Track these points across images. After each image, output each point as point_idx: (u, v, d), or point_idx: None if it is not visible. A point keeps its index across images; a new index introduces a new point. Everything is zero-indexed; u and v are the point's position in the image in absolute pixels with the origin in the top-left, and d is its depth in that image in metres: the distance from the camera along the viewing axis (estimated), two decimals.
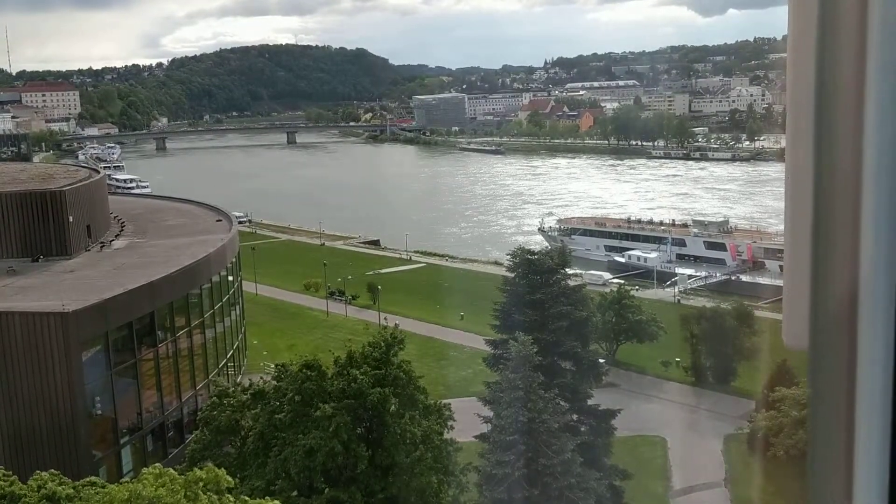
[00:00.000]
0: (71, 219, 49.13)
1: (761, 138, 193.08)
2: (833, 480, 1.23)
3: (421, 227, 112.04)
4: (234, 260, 55.29)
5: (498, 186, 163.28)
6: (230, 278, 53.97)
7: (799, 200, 1.27)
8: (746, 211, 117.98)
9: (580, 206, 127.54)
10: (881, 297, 1.16)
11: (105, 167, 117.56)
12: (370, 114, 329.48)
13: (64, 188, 50.82)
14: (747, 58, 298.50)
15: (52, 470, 27.49)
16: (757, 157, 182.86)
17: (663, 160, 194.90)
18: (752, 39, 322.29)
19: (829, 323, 1.22)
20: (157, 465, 28.80)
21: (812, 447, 1.29)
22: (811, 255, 1.25)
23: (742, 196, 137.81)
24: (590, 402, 39.75)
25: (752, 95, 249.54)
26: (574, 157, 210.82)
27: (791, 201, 1.29)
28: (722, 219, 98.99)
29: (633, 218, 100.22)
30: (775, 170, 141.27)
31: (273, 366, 35.89)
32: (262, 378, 35.74)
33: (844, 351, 1.20)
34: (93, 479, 28.43)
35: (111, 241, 53.54)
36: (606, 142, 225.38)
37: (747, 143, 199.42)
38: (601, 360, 46.16)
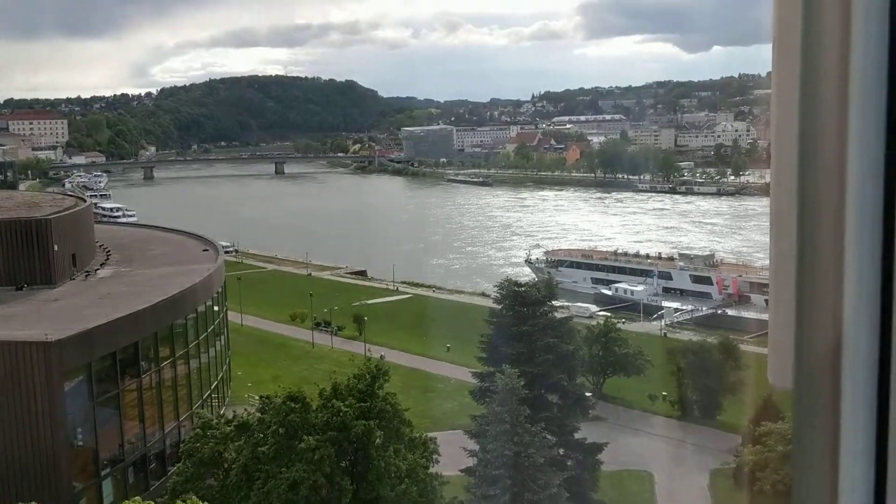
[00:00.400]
0: (56, 247, 48.87)
1: (746, 173, 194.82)
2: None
3: (409, 258, 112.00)
4: (219, 290, 55.05)
5: (486, 218, 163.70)
6: (216, 308, 53.69)
7: (783, 238, 1.27)
8: (734, 245, 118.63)
9: (569, 238, 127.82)
10: (865, 339, 1.16)
11: (91, 196, 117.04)
12: (358, 145, 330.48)
13: (49, 216, 50.59)
14: (732, 94, 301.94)
15: (33, 502, 27.10)
16: (742, 191, 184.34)
17: (650, 193, 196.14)
18: (736, 76, 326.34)
19: (814, 364, 1.22)
20: (137, 497, 28.43)
21: (797, 488, 1.28)
22: (795, 296, 1.25)
23: (729, 230, 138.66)
24: (576, 435, 39.63)
25: (736, 131, 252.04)
26: (561, 190, 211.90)
27: (775, 238, 1.29)
28: (708, 252, 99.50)
29: (619, 250, 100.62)
30: (761, 204, 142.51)
31: (257, 397, 35.60)
32: (246, 410, 35.44)
33: (828, 393, 1.20)
34: None
35: (96, 270, 53.24)
36: (593, 175, 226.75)
37: (732, 177, 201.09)
38: (588, 394, 46.12)
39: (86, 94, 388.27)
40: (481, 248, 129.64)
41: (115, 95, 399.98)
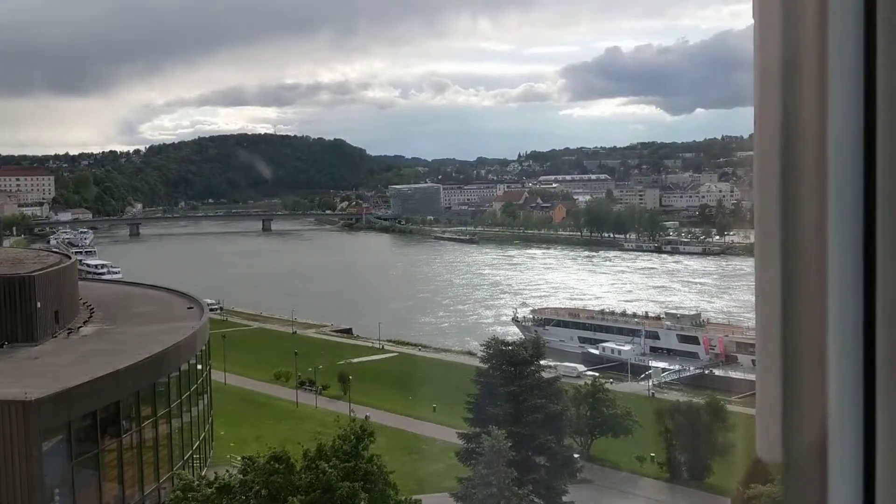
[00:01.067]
0: (39, 305, 48.41)
1: (731, 233, 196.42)
2: None
3: (397, 315, 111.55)
4: (203, 348, 54.52)
5: (475, 275, 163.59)
6: (199, 367, 53.09)
7: (768, 305, 1.26)
8: (723, 305, 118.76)
9: (558, 296, 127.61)
10: (850, 421, 1.16)
11: (76, 252, 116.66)
12: (346, 202, 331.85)
13: (33, 273, 50.25)
14: (715, 155, 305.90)
15: None
16: (727, 251, 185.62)
17: (637, 252, 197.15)
18: (719, 137, 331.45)
19: (801, 439, 1.23)
20: None
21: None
22: (781, 374, 1.25)
23: (718, 290, 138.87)
24: (564, 498, 39.06)
25: (720, 191, 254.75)
26: (549, 248, 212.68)
27: (761, 308, 1.28)
28: (694, 312, 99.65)
29: (607, 309, 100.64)
30: (748, 264, 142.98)
31: (240, 458, 34.98)
32: (227, 471, 34.77)
33: (817, 468, 1.20)
34: None
35: (79, 328, 52.70)
36: (579, 233, 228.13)
37: (717, 237, 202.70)
38: (575, 455, 45.60)
39: (74, 151, 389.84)
40: (470, 307, 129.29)
41: (103, 152, 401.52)
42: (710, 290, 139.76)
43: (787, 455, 1.26)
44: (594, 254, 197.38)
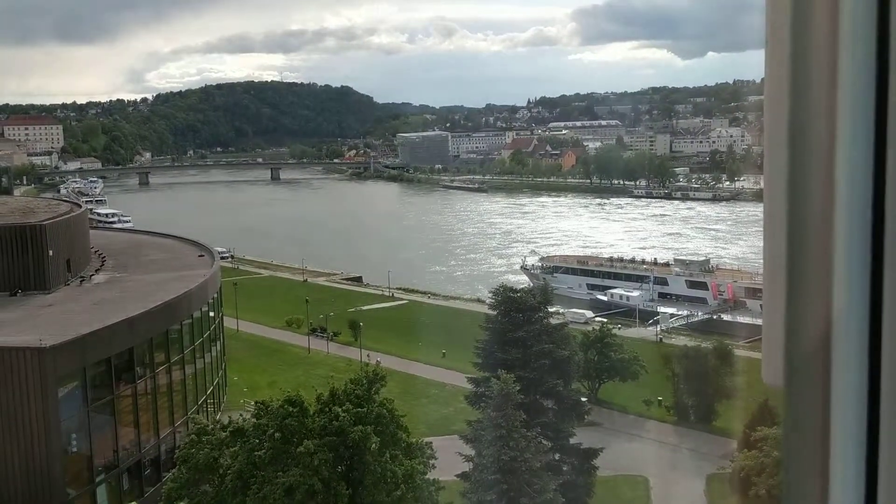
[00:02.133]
0: (51, 253, 48.79)
1: (741, 179, 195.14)
2: None
3: (407, 264, 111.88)
4: (215, 296, 54.97)
5: (487, 224, 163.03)
6: (211, 314, 53.61)
7: (775, 240, 1.31)
8: (738, 251, 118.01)
9: (571, 245, 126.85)
10: (854, 336, 1.18)
11: (87, 201, 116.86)
12: (354, 151, 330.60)
13: (44, 222, 50.54)
14: (727, 99, 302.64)
15: None
16: (737, 197, 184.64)
17: (649, 199, 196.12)
18: (731, 82, 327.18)
19: (804, 360, 1.25)
20: (132, 503, 28.34)
21: (786, 485, 1.29)
22: (786, 294, 1.28)
23: (732, 236, 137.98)
24: (572, 441, 39.60)
25: (731, 136, 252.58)
26: (559, 196, 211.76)
27: (768, 241, 1.33)
28: (703, 258, 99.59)
29: (615, 256, 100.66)
30: (761, 210, 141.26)
31: (253, 403, 35.53)
32: (241, 415, 35.36)
33: (819, 389, 1.22)
34: None
35: (91, 276, 53.15)
36: (589, 181, 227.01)
37: (728, 183, 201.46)
38: (583, 399, 46.09)
39: (81, 100, 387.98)
40: (483, 256, 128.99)
41: (110, 101, 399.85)
42: (726, 236, 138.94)
43: (789, 378, 1.28)
44: (605, 201, 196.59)
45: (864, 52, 1.15)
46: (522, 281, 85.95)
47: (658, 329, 75.92)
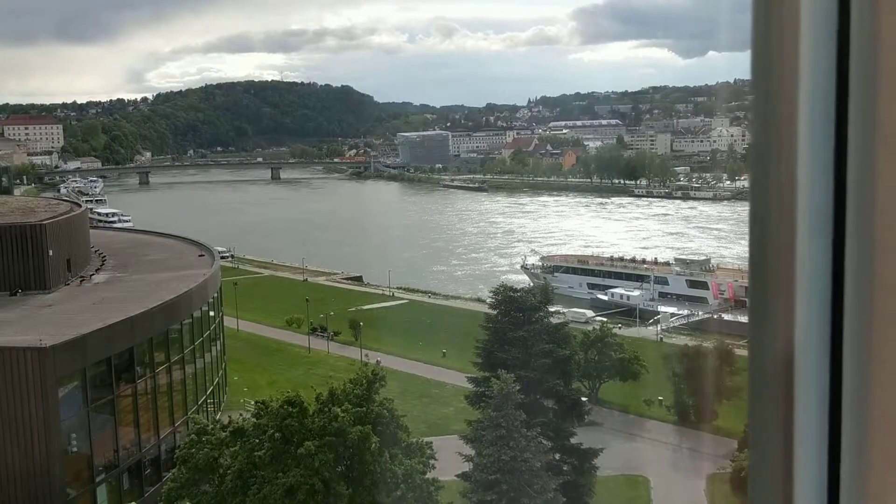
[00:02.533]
0: (51, 253, 48.76)
1: (742, 178, 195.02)
2: None
3: (408, 264, 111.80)
4: (215, 295, 54.95)
5: (488, 224, 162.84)
6: (211, 313, 53.59)
7: (750, 244, 1.30)
8: (741, 250, 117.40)
9: (573, 244, 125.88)
10: (816, 341, 1.18)
11: (87, 201, 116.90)
12: (354, 150, 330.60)
13: (44, 222, 50.51)
14: (727, 99, 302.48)
15: None
16: (737, 196, 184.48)
17: (650, 199, 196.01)
18: (732, 81, 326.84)
19: (769, 363, 1.25)
20: (133, 503, 28.31)
21: (752, 485, 1.31)
22: (749, 298, 1.29)
23: (735, 235, 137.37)
24: (572, 440, 39.55)
25: (732, 136, 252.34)
26: (560, 195, 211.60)
27: (750, 244, 1.32)
28: (704, 257, 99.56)
29: (615, 256, 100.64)
30: None
31: (253, 403, 35.51)
32: (241, 415, 35.34)
33: (782, 393, 1.23)
34: None
35: (91, 276, 53.14)
36: (589, 180, 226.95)
37: (728, 182, 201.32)
38: (584, 399, 46.06)
39: (81, 100, 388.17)
40: (484, 255, 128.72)
41: (110, 101, 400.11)
42: (728, 235, 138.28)
43: (754, 381, 1.29)
44: (607, 200, 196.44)
45: (825, 55, 1.15)
46: (524, 280, 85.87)
47: (658, 328, 75.88)
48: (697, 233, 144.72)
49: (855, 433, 1.15)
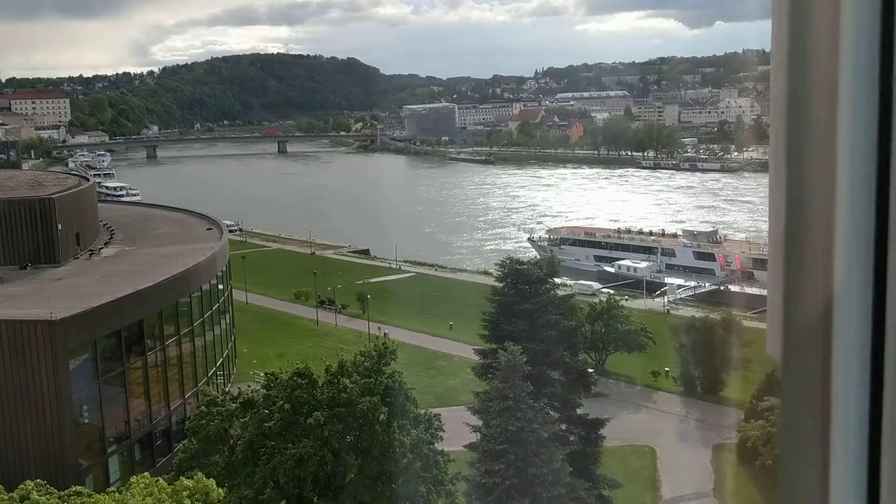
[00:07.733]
0: (60, 226, 48.97)
1: (750, 149, 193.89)
2: (808, 492, 1.21)
3: (432, 239, 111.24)
4: (224, 268, 55.16)
5: (510, 198, 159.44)
6: (220, 286, 53.83)
7: (778, 213, 1.29)
8: None
9: (601, 219, 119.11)
10: (856, 305, 1.16)
11: (95, 175, 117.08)
12: (360, 123, 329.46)
13: (53, 196, 50.67)
14: (735, 69, 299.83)
15: (38, 479, 27.34)
16: (746, 167, 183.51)
17: (660, 170, 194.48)
18: (740, 51, 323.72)
19: (803, 336, 1.22)
20: (144, 474, 28.66)
21: (784, 460, 1.26)
22: (785, 268, 1.26)
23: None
24: (579, 411, 39.75)
25: (740, 107, 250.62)
26: (578, 167, 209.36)
27: (772, 214, 1.31)
28: (712, 228, 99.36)
29: (622, 228, 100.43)
30: None
31: (262, 374, 35.78)
32: (250, 387, 35.63)
33: (819, 362, 1.19)
34: (78, 488, 28.30)
35: (100, 249, 53.37)
36: (596, 152, 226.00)
37: (736, 153, 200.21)
38: (590, 370, 46.23)
39: (87, 73, 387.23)
40: (511, 230, 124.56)
41: (116, 74, 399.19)
42: (761, 208, 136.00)
43: (787, 350, 1.26)
44: (627, 172, 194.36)
45: (868, 23, 1.12)
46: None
47: (665, 300, 75.94)
48: (728, 206, 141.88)
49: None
